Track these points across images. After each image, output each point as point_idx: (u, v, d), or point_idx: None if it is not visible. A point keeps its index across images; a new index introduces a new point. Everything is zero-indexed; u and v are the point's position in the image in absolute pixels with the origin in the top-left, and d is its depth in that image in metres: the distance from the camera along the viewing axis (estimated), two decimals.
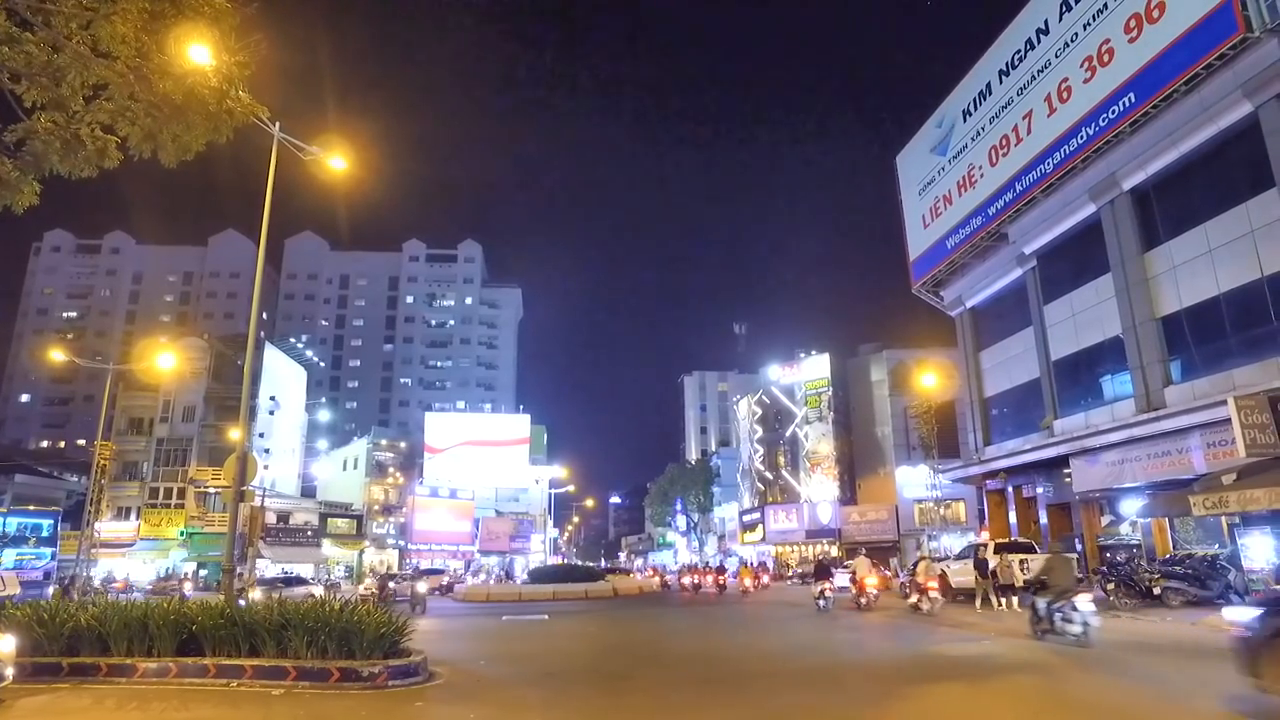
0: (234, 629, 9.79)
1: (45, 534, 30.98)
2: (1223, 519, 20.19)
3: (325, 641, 9.54)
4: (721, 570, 41.94)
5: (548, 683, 10.38)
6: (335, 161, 14.65)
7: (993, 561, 21.44)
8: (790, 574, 48.12)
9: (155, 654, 9.87)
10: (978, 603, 20.99)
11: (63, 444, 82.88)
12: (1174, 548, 22.77)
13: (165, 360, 40.98)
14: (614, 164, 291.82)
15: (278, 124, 13.95)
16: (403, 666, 9.69)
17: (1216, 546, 21.25)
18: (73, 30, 7.28)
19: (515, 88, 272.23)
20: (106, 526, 44.06)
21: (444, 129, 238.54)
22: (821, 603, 20.97)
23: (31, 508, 36.42)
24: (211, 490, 47.84)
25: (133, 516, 49.07)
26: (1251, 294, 20.06)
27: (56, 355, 51.67)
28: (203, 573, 45.68)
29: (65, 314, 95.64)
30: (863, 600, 21.56)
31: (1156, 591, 18.65)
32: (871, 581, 21.88)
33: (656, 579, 47.58)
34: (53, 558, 30.67)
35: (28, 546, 30.22)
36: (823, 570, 22.34)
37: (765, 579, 39.92)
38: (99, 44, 7.33)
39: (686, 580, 40.13)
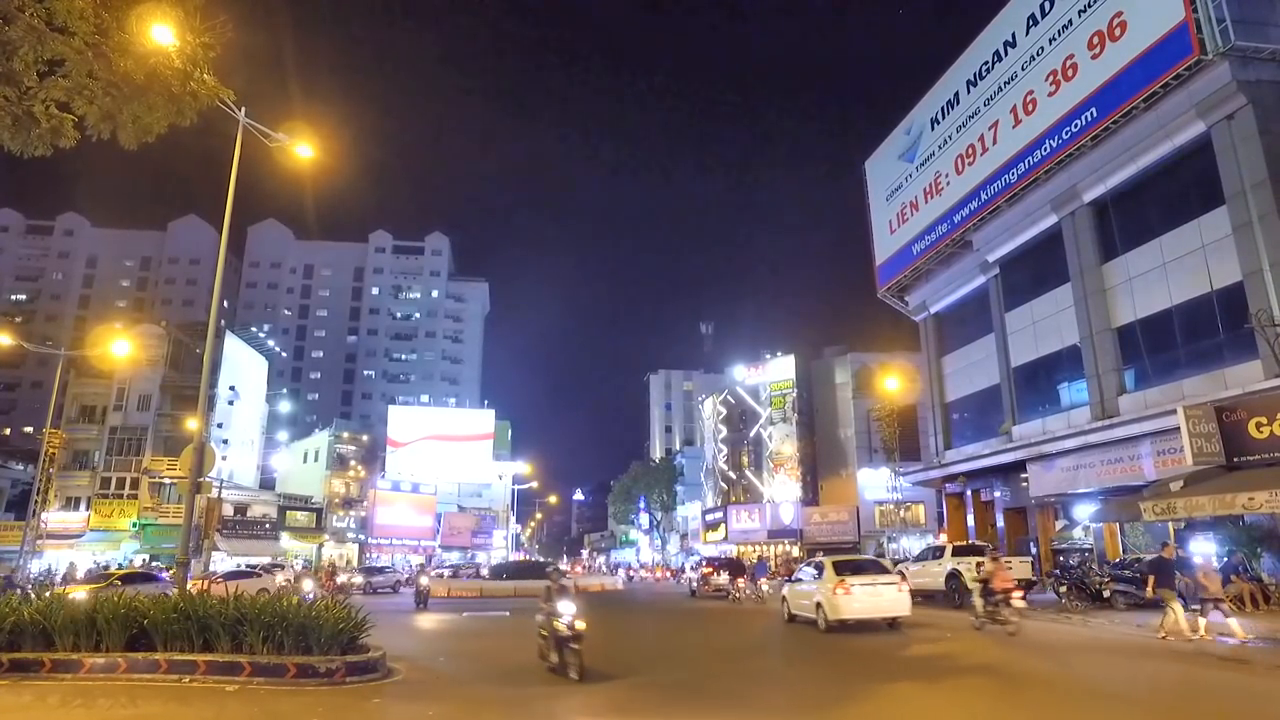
0: (187, 623, 9.54)
1: None
2: (1170, 524, 20.84)
3: (282, 637, 9.35)
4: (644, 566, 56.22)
5: (508, 680, 10.30)
6: (302, 149, 14.37)
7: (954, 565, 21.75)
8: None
9: (103, 649, 9.58)
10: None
11: (8, 431, 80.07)
12: (1124, 552, 23.42)
13: (120, 347, 39.67)
14: (585, 164, 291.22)
15: (243, 109, 13.66)
16: (361, 663, 9.55)
17: None
18: (26, 2, 7.01)
19: (487, 83, 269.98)
20: (54, 517, 42.66)
21: (413, 122, 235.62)
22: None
23: None
24: (166, 481, 46.58)
25: (82, 507, 47.54)
26: (1201, 307, 20.75)
27: (3, 339, 49.74)
28: (157, 565, 44.47)
29: (13, 296, 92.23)
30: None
31: (1106, 594, 19.21)
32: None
33: (617, 578, 49.37)
34: None
35: None
36: (736, 567, 31.40)
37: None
38: (55, 18, 7.07)
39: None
